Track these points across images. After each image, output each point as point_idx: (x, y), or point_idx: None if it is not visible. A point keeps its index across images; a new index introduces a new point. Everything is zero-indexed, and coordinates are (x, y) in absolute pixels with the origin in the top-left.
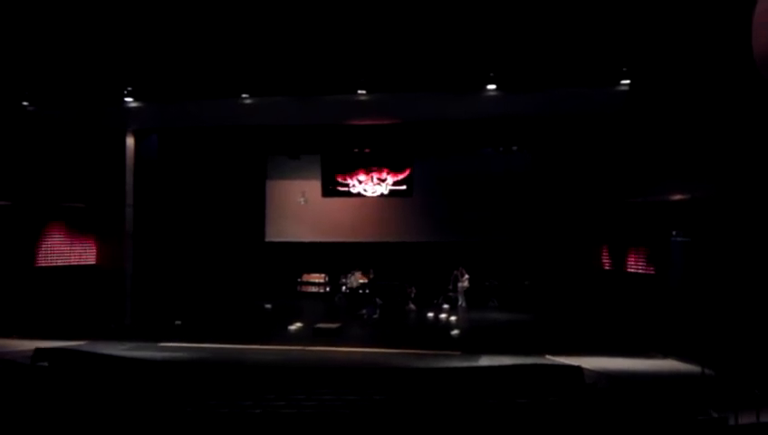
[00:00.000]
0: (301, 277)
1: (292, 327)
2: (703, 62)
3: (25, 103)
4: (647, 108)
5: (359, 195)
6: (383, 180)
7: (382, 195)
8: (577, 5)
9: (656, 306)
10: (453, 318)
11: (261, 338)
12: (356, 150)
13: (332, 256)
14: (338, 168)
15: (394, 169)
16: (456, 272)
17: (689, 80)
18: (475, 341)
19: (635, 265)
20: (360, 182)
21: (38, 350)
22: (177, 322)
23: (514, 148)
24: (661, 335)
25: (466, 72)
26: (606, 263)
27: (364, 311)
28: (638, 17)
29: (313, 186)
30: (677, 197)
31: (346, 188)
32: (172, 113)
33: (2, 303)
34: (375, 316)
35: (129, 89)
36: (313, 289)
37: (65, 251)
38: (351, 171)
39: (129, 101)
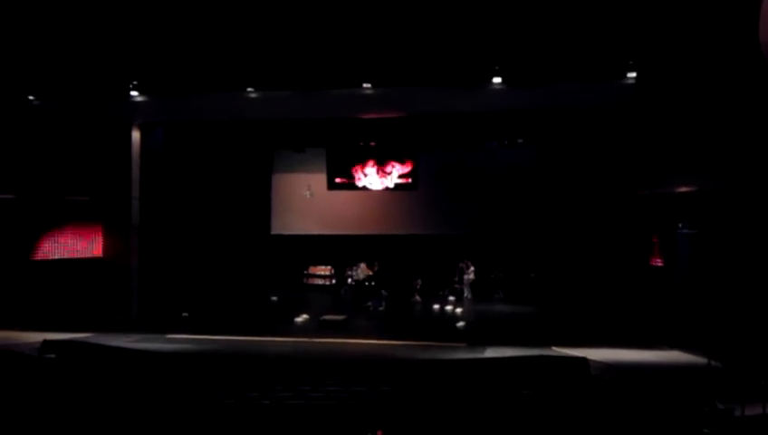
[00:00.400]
0: (307, 270)
1: (299, 319)
2: (710, 54)
3: (31, 97)
4: (653, 101)
5: (364, 188)
6: (388, 173)
7: (387, 188)
8: None
9: (662, 298)
10: (458, 310)
11: (267, 330)
12: (361, 144)
13: (338, 249)
14: (343, 161)
15: (399, 163)
16: (461, 264)
17: (696, 72)
18: (480, 333)
19: (641, 258)
20: (366, 175)
21: (45, 342)
22: (184, 314)
23: (520, 141)
24: (667, 327)
25: (472, 65)
26: (611, 255)
27: (370, 303)
28: (643, 10)
29: (319, 179)
30: (684, 189)
31: (351, 182)
32: (177, 107)
33: (9, 295)
34: (381, 308)
35: (135, 83)
36: (319, 282)
37: (71, 244)
38: (357, 165)
39: (135, 95)
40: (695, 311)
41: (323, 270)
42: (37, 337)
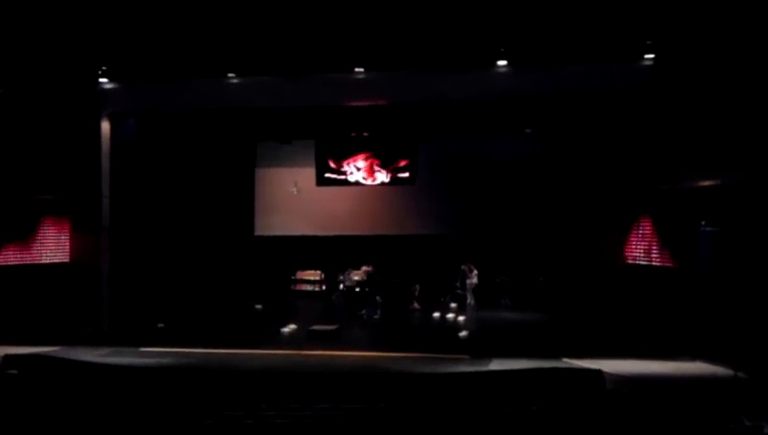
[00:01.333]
0: (294, 275)
1: (286, 329)
2: (734, 34)
3: None
4: (673, 85)
5: (356, 183)
6: (383, 167)
7: (382, 183)
8: None
9: (683, 304)
10: (461, 318)
11: (251, 342)
12: (353, 134)
13: (329, 251)
14: (334, 153)
15: (395, 155)
16: (463, 267)
17: (719, 54)
18: (485, 343)
19: (660, 259)
20: (358, 169)
21: (6, 357)
22: (160, 324)
23: (528, 130)
24: (689, 336)
25: (474, 47)
26: (628, 257)
27: (364, 311)
28: None
29: (307, 174)
30: (706, 183)
31: (343, 176)
32: (151, 95)
33: None
34: (376, 317)
35: (104, 69)
36: (308, 288)
37: (36, 248)
38: (348, 157)
39: (104, 83)
40: (719, 318)
41: (312, 275)
42: None
